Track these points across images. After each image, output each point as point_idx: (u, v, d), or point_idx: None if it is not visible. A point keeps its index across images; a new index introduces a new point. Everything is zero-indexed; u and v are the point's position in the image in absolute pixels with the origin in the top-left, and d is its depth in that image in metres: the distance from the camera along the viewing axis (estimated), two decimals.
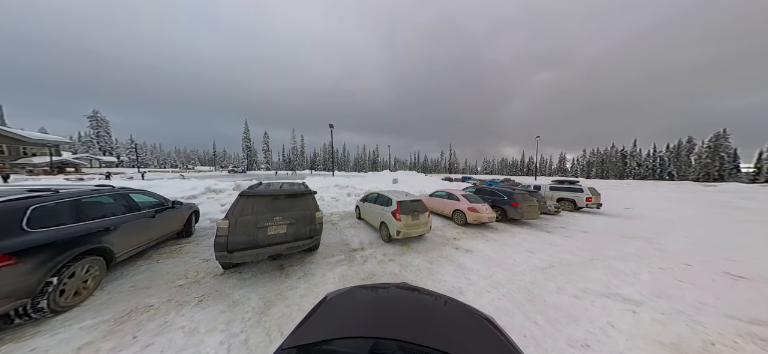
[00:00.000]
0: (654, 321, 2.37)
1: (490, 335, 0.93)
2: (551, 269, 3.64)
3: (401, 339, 0.81)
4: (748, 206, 12.05)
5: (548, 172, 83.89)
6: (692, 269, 3.77)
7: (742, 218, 8.73)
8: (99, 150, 43.49)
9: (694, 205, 12.17)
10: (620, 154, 57.99)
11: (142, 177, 16.35)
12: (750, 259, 4.33)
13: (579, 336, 2.13)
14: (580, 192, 9.99)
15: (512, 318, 2.39)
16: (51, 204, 2.26)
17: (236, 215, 2.95)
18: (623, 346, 2.01)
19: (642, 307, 2.62)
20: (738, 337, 2.17)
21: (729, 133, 44.38)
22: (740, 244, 5.33)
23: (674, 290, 3.04)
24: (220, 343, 1.94)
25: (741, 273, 3.64)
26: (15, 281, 1.85)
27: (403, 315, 1.02)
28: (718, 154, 44.62)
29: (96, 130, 43.84)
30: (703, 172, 45.70)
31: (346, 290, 1.23)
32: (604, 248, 4.81)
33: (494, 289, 2.98)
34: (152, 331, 2.03)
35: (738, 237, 5.96)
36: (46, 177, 18.06)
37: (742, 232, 6.46)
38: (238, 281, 2.91)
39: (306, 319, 1.01)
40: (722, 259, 4.30)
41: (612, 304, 2.68)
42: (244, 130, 57.54)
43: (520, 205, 6.76)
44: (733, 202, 13.77)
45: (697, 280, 3.35)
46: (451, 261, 3.84)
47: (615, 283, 3.21)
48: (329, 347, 0.81)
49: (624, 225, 7.25)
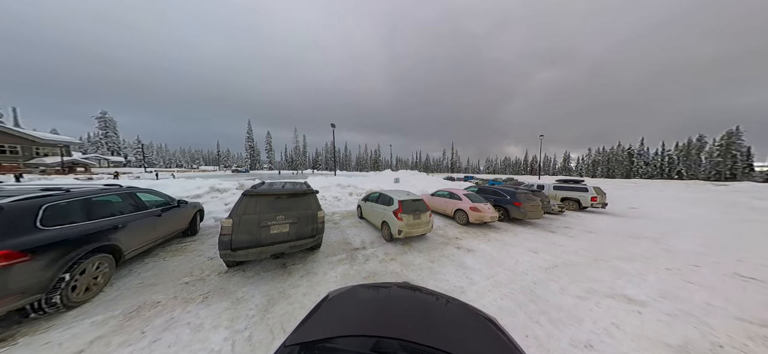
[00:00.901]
0: (660, 322, 2.33)
1: (492, 335, 0.92)
2: (555, 269, 3.60)
3: (403, 338, 0.82)
4: (761, 206, 11.67)
5: (552, 171, 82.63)
6: (701, 270, 3.68)
7: (754, 218, 8.47)
8: (107, 150, 44.55)
9: (705, 205, 11.86)
10: (627, 153, 56.73)
11: (157, 176, 17.05)
12: (762, 260, 4.21)
13: (582, 337, 2.11)
14: (585, 191, 9.83)
15: (514, 318, 2.38)
16: (62, 203, 2.33)
17: (240, 214, 2.99)
18: (628, 347, 1.99)
19: (648, 308, 2.58)
20: (748, 339, 2.11)
21: (742, 130, 43.01)
22: (752, 244, 5.17)
23: (682, 292, 2.98)
24: (225, 340, 1.98)
25: (752, 275, 3.54)
26: (30, 277, 1.93)
27: (405, 314, 1.03)
28: (730, 153, 43.24)
29: (104, 130, 44.89)
30: (715, 170, 44.39)
31: (347, 289, 1.23)
32: (609, 249, 4.73)
33: (496, 288, 2.96)
34: (159, 327, 2.08)
35: (750, 238, 5.79)
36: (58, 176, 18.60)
37: (755, 233, 6.27)
38: (241, 279, 2.96)
39: (308, 317, 1.02)
40: (733, 260, 4.19)
41: (616, 305, 2.64)
42: (247, 129, 58.20)
43: (523, 204, 6.69)
44: (745, 201, 13.36)
45: (705, 282, 3.27)
46: (453, 260, 3.83)
47: (620, 283, 3.16)
48: (331, 345, 0.82)
49: (630, 225, 7.11)
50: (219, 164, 67.42)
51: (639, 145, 55.40)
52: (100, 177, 17.69)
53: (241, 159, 72.86)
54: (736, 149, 43.01)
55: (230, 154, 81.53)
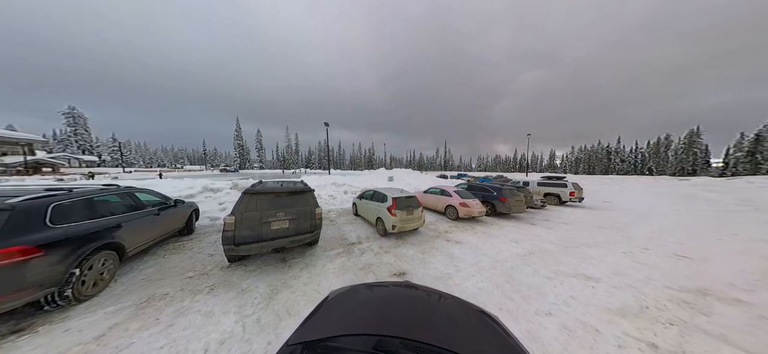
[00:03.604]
0: (607, 293, 2.81)
1: (494, 333, 0.91)
2: (530, 256, 4.07)
3: (404, 336, 0.81)
4: (712, 198, 13.19)
5: (539, 168, 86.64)
6: (649, 252, 4.32)
7: (704, 209, 9.63)
8: (78, 149, 41.18)
9: (667, 198, 13.19)
10: (605, 151, 60.81)
11: (160, 176, 16.90)
12: (697, 243, 4.96)
13: (545, 307, 2.52)
14: (565, 187, 10.66)
15: (492, 296, 2.76)
16: (67, 202, 2.41)
17: (241, 211, 3.16)
18: (579, 313, 2.42)
19: (600, 283, 3.07)
20: (668, 301, 2.65)
21: (702, 130, 47.53)
22: (693, 231, 6.01)
23: (630, 269, 3.54)
24: (235, 323, 2.19)
25: (686, 254, 4.22)
26: (45, 271, 2.04)
27: (406, 312, 1.03)
28: (691, 150, 47.72)
29: (73, 127, 41.29)
30: (679, 166, 48.79)
31: (349, 288, 1.24)
32: (579, 237, 5.32)
33: (479, 273, 3.35)
34: (172, 314, 2.25)
35: (694, 225, 6.68)
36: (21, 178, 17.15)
37: (700, 221, 7.22)
38: (244, 273, 3.14)
39: (310, 317, 1.02)
40: (675, 243, 4.91)
41: (576, 282, 3.11)
42: (236, 127, 56.02)
43: (508, 200, 7.23)
44: (700, 194, 15.00)
45: (649, 261, 3.87)
46: (442, 251, 4.19)
47: (582, 265, 3.67)
48: (334, 344, 0.82)
49: (601, 217, 7.88)
50: (206, 163, 64.43)
51: (616, 143, 59.56)
52: (73, 178, 16.54)
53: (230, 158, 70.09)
54: (697, 147, 47.52)
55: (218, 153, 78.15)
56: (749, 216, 8.09)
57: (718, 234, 5.67)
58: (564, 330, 2.15)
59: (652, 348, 1.97)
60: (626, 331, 2.15)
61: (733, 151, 41.36)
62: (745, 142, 39.66)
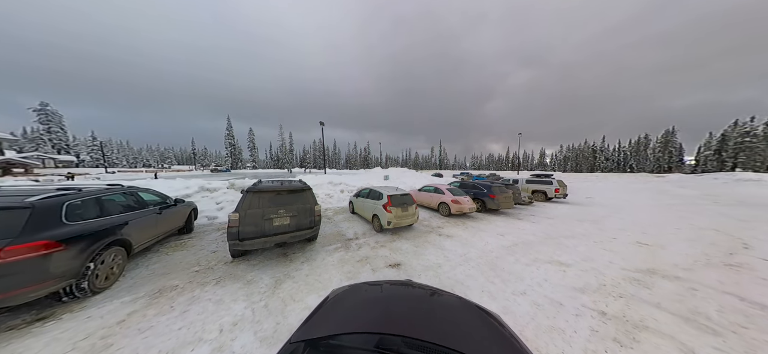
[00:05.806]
0: (575, 276, 3.23)
1: (495, 332, 0.91)
2: (514, 247, 4.47)
3: (406, 334, 0.81)
4: (682, 193, 14.35)
5: (530, 166, 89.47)
6: (616, 241, 4.84)
7: (673, 203, 10.54)
8: (52, 148, 38.63)
9: (643, 194, 14.23)
10: (591, 150, 63.81)
11: (155, 177, 16.36)
12: (659, 232, 5.57)
13: (521, 288, 2.89)
14: (550, 184, 11.35)
15: (476, 281, 3.10)
16: (79, 201, 2.54)
17: (245, 209, 3.35)
18: (549, 292, 2.81)
19: (571, 267, 3.50)
20: (622, 280, 3.11)
21: (677, 129, 50.97)
22: (659, 222, 6.67)
23: (597, 256, 4.00)
24: (245, 308, 2.41)
25: (647, 242, 4.78)
26: (65, 264, 2.18)
27: (408, 311, 1.04)
28: (667, 149, 51.01)
29: (47, 125, 38.46)
30: (657, 164, 52.04)
31: (350, 287, 1.25)
32: (559, 230, 5.81)
33: (466, 263, 3.69)
34: (185, 302, 2.44)
35: (660, 217, 7.39)
36: None
37: (666, 214, 7.96)
38: (248, 266, 3.34)
39: (312, 315, 1.02)
40: (640, 233, 5.49)
41: (551, 267, 3.51)
42: (227, 126, 54.53)
43: (497, 197, 7.69)
44: (672, 190, 16.25)
45: (615, 248, 4.37)
46: (434, 245, 4.52)
47: (558, 253, 4.10)
48: (336, 342, 0.82)
49: (582, 211, 8.50)
50: (195, 163, 62.29)
51: (601, 142, 62.64)
52: (49, 178, 15.78)
53: (221, 157, 68.12)
54: (672, 146, 50.86)
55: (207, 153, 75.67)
56: (708, 208, 8.99)
57: (678, 224, 6.35)
58: (534, 305, 2.52)
59: (601, 315, 2.36)
60: (584, 304, 2.54)
61: (703, 149, 44.60)
62: (712, 142, 42.88)
